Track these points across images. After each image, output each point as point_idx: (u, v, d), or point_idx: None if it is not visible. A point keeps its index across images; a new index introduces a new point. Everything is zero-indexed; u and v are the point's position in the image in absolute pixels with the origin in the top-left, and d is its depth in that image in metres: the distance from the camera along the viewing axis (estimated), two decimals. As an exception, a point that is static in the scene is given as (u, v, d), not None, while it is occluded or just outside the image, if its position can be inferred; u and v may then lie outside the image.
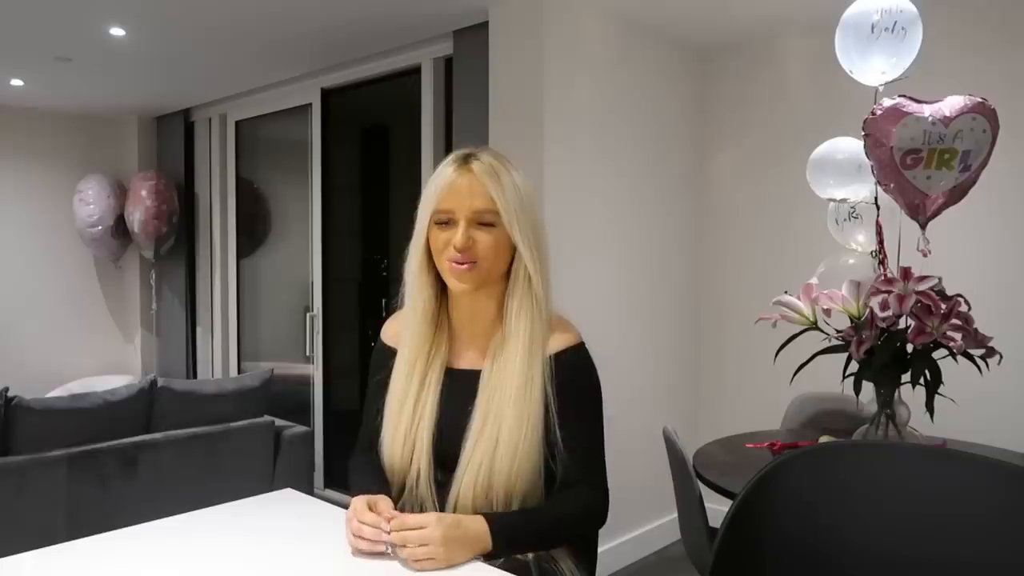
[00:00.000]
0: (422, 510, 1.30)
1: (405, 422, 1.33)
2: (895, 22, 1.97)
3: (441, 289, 1.38)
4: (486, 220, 1.29)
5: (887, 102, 1.87)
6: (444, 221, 1.31)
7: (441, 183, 1.31)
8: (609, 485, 1.37)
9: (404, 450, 1.32)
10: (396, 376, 1.37)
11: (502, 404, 1.28)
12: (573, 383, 1.32)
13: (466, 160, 1.32)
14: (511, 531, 1.20)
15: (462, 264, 1.28)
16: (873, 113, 1.88)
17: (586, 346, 1.37)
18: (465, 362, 1.38)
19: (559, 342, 1.33)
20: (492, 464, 1.26)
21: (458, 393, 1.33)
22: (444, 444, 1.30)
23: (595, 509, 1.33)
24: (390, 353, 1.42)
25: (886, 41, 1.98)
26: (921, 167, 1.82)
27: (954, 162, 1.81)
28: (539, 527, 1.25)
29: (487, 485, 1.26)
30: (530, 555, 1.28)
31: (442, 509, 1.29)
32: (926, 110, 1.82)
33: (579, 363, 1.34)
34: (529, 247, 1.30)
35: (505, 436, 1.26)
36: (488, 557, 1.17)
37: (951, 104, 1.82)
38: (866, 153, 1.91)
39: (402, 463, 1.33)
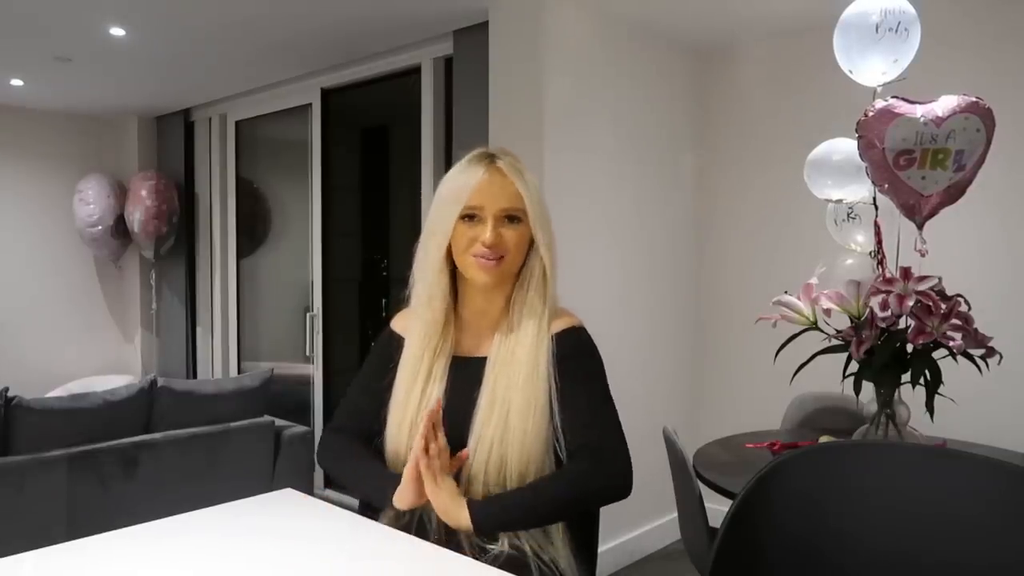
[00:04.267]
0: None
1: (412, 410, 1.35)
2: (899, 23, 1.97)
3: (453, 286, 1.41)
4: (513, 216, 1.33)
5: (879, 103, 1.88)
6: (470, 217, 1.33)
7: (470, 181, 1.33)
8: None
9: (410, 438, 1.34)
10: (403, 366, 1.40)
11: (510, 388, 1.31)
12: (574, 357, 1.35)
13: (491, 159, 1.36)
14: (495, 516, 1.23)
15: (490, 259, 1.32)
16: (866, 114, 1.88)
17: (586, 330, 1.40)
18: (471, 350, 1.41)
19: (560, 324, 1.37)
20: (504, 445, 1.28)
21: (465, 380, 1.36)
22: (451, 430, 1.31)
23: (604, 473, 1.29)
24: (399, 341, 1.44)
25: (888, 41, 1.98)
26: (915, 167, 1.82)
27: (948, 162, 1.80)
28: (529, 505, 1.25)
29: (499, 463, 1.28)
30: (530, 553, 1.28)
31: None
32: (918, 111, 1.82)
33: (580, 340, 1.38)
34: (547, 243, 1.36)
35: (514, 420, 1.29)
36: (480, 533, 1.23)
37: (944, 104, 1.82)
38: (860, 155, 1.91)
39: (407, 451, 1.34)
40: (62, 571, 1.09)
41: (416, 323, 1.41)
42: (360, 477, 1.38)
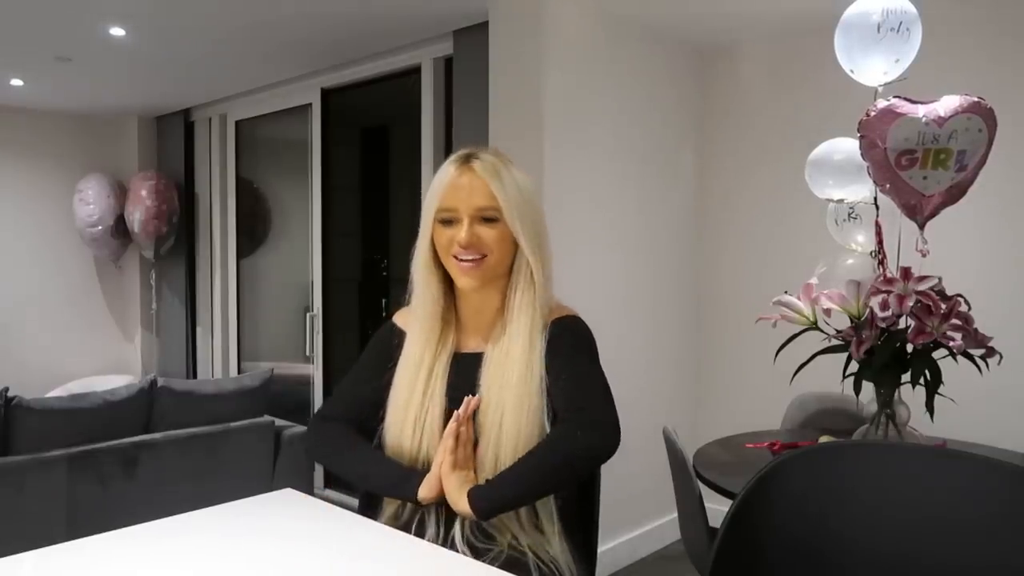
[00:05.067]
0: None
1: (414, 410, 1.36)
2: (900, 22, 1.97)
3: (448, 286, 1.42)
4: (489, 216, 1.33)
5: (881, 103, 1.88)
6: (448, 220, 1.34)
7: (443, 182, 1.35)
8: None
9: (414, 437, 1.35)
10: (403, 365, 1.40)
11: (504, 388, 1.31)
12: (560, 336, 1.35)
13: (467, 159, 1.36)
14: (493, 500, 1.23)
15: (468, 261, 1.32)
16: (868, 114, 1.88)
17: (583, 320, 1.42)
18: (470, 346, 1.42)
19: (557, 314, 1.39)
20: (498, 447, 1.29)
21: (464, 376, 1.37)
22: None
23: (586, 429, 1.27)
24: (400, 335, 1.45)
25: (890, 41, 1.98)
26: (917, 167, 1.82)
27: (950, 162, 1.80)
28: (521, 480, 1.24)
29: (494, 464, 1.29)
30: (529, 553, 1.28)
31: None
32: (920, 110, 1.82)
33: (568, 323, 1.38)
34: (531, 242, 1.34)
35: (508, 421, 1.29)
36: (482, 518, 1.25)
37: (946, 104, 1.82)
38: (862, 154, 1.91)
39: (411, 449, 1.36)
40: (62, 571, 1.09)
41: (414, 323, 1.42)
42: (373, 467, 1.37)
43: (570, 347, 1.35)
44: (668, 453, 2.08)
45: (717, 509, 1.62)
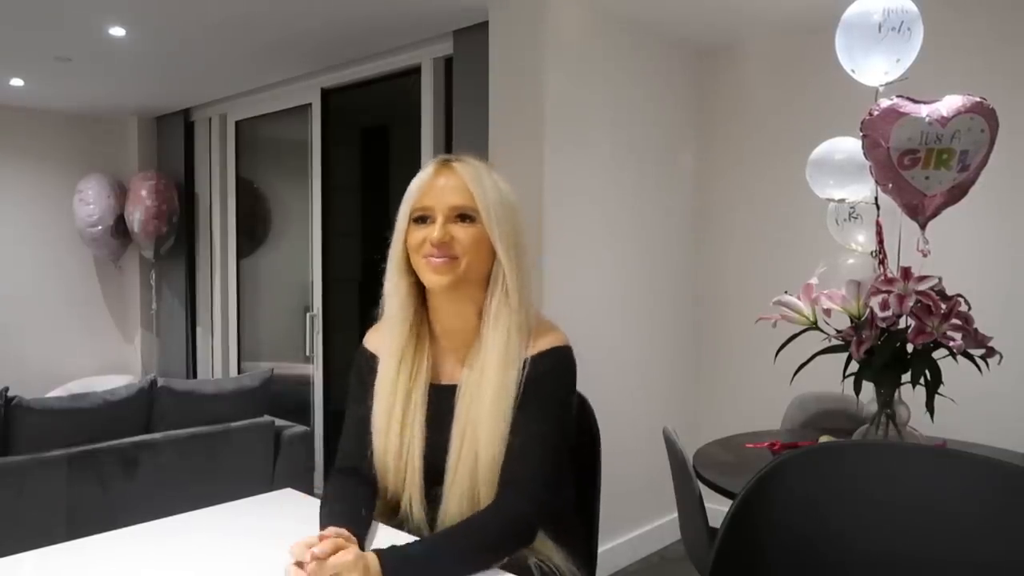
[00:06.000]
0: (417, 527, 1.29)
1: (394, 444, 1.30)
2: (901, 22, 1.97)
3: (421, 299, 1.34)
4: (465, 214, 1.27)
5: (884, 103, 1.87)
6: (422, 218, 1.29)
7: (420, 182, 1.30)
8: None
9: (397, 473, 1.30)
10: (379, 391, 1.33)
11: (478, 418, 1.24)
12: (541, 378, 1.26)
13: (447, 162, 1.31)
14: (405, 569, 1.06)
15: (439, 258, 1.25)
16: (870, 114, 1.88)
17: (571, 349, 1.32)
18: (448, 376, 1.34)
19: (541, 344, 1.29)
20: (475, 481, 1.23)
21: (442, 409, 1.30)
22: (434, 463, 1.28)
23: (514, 526, 1.18)
24: (373, 361, 1.37)
25: (891, 41, 1.98)
26: (919, 167, 1.82)
27: (952, 162, 1.80)
28: (442, 560, 1.11)
29: (474, 500, 1.24)
30: (531, 556, 1.27)
31: (432, 526, 1.28)
32: (923, 110, 1.82)
33: (554, 361, 1.28)
34: (507, 250, 1.27)
35: (483, 451, 1.23)
36: None
37: (948, 104, 1.82)
38: (864, 154, 1.91)
39: (395, 485, 1.31)
40: (62, 571, 1.09)
41: (387, 337, 1.34)
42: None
43: (540, 394, 1.25)
44: (668, 453, 2.08)
45: (717, 509, 1.62)
